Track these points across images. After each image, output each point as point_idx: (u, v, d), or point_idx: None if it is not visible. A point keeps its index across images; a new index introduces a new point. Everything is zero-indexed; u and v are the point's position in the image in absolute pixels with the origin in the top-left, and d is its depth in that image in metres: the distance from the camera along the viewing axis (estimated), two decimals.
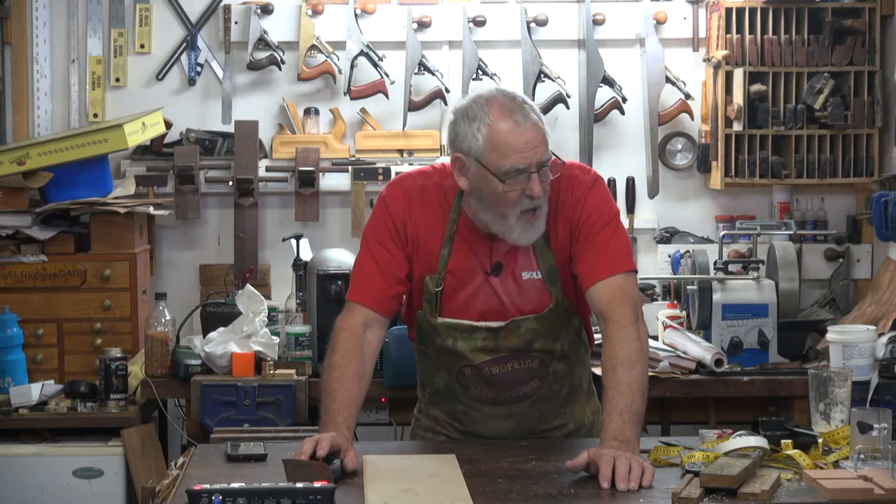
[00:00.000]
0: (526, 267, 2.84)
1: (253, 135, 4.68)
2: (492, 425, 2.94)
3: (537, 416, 2.94)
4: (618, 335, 2.72)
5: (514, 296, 2.84)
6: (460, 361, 2.88)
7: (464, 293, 2.84)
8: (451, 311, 2.86)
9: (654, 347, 4.08)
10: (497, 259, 2.83)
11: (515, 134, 2.68)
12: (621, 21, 4.73)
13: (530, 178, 2.69)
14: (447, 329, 2.86)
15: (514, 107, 2.70)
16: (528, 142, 2.68)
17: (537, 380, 2.90)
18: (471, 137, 2.71)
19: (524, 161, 2.68)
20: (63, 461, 4.07)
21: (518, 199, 2.71)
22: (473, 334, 2.85)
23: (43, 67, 4.72)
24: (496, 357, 2.86)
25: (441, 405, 3.00)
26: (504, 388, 2.90)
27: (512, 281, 2.84)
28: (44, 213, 4.35)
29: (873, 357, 3.24)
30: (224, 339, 4.08)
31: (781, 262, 4.25)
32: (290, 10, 4.71)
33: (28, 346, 4.28)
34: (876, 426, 2.61)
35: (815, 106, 4.54)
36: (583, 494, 2.49)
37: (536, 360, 2.88)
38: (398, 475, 2.60)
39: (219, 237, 4.79)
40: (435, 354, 2.92)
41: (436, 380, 2.97)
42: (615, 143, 4.79)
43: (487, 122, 2.69)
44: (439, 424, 3.01)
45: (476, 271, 2.84)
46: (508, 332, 2.85)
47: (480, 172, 2.72)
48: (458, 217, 2.83)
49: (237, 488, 2.32)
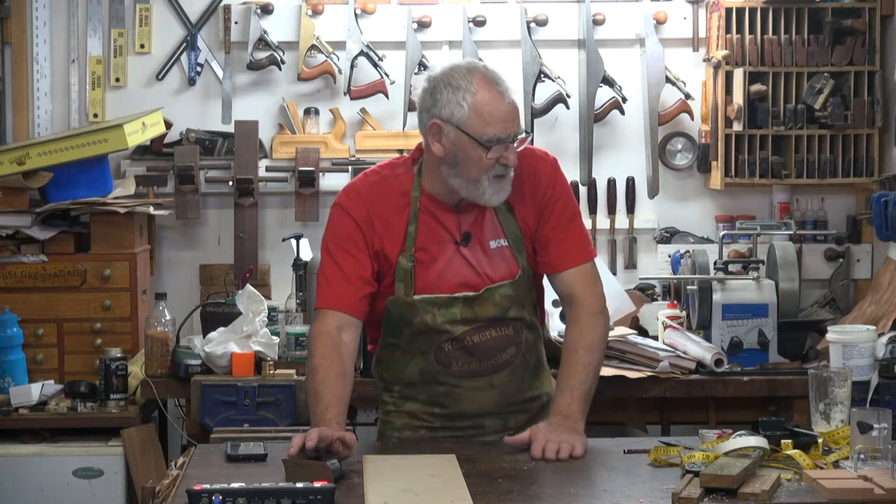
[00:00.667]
0: (493, 235, 2.96)
1: (253, 135, 4.68)
2: (476, 400, 2.97)
3: (517, 386, 3.00)
4: (587, 321, 2.95)
5: (485, 265, 2.94)
6: (439, 338, 2.93)
7: (436, 267, 2.92)
8: (425, 287, 2.92)
9: (653, 347, 4.09)
10: (465, 229, 2.94)
11: (499, 104, 2.85)
12: (621, 21, 4.73)
13: (507, 147, 2.84)
14: (425, 305, 2.91)
15: (495, 78, 2.88)
16: (510, 112, 2.86)
17: (514, 346, 2.98)
18: (454, 104, 2.84)
19: (505, 131, 2.84)
20: (63, 461, 4.07)
21: (493, 165, 2.85)
22: (451, 307, 2.92)
23: (43, 67, 4.72)
24: (475, 326, 2.93)
25: (417, 396, 3.01)
26: (485, 356, 2.95)
27: (480, 250, 2.94)
28: (44, 213, 4.35)
29: (873, 357, 3.24)
30: (224, 339, 4.08)
31: (781, 262, 4.25)
32: (290, 10, 4.71)
33: (28, 346, 4.28)
34: (876, 426, 2.61)
35: (815, 106, 4.54)
36: (583, 494, 2.49)
37: (511, 326, 2.96)
38: (398, 475, 2.60)
39: (219, 237, 4.79)
40: (409, 340, 2.95)
41: (408, 371, 2.99)
42: (615, 143, 4.79)
43: (472, 91, 2.84)
44: (416, 418, 3.02)
45: (446, 243, 2.93)
46: (483, 301, 2.93)
47: (460, 140, 2.85)
48: (420, 194, 2.94)
49: (237, 488, 2.32)
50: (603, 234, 4.77)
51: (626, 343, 4.07)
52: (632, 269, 4.76)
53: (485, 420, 2.99)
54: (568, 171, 4.70)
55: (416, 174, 2.96)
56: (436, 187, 2.93)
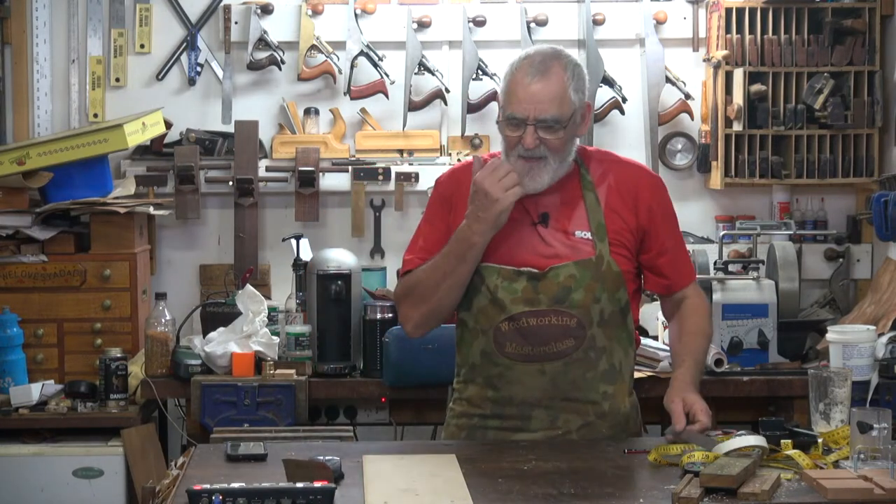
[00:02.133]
0: (579, 226, 2.98)
1: (253, 135, 4.68)
2: (526, 385, 2.95)
3: (572, 380, 2.96)
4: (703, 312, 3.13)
5: (564, 250, 2.95)
6: (499, 316, 2.94)
7: (508, 241, 2.95)
8: (495, 257, 2.96)
9: (653, 347, 4.09)
10: (543, 210, 2.97)
11: (523, 85, 2.88)
12: (621, 21, 4.74)
13: (525, 129, 2.88)
14: (490, 274, 2.94)
15: (539, 63, 2.90)
16: (533, 95, 2.88)
17: (573, 339, 2.94)
18: (502, 81, 2.97)
19: (522, 111, 2.88)
20: (63, 461, 4.07)
21: (514, 144, 2.91)
22: (514, 282, 2.93)
23: (43, 67, 4.72)
24: (535, 309, 2.93)
25: (476, 378, 3.01)
26: (539, 342, 2.93)
27: (563, 236, 2.97)
28: (44, 213, 4.35)
29: (873, 357, 3.23)
30: (224, 339, 4.08)
31: (781, 262, 4.25)
32: (290, 10, 4.71)
33: (28, 346, 4.28)
34: (876, 426, 2.61)
35: (815, 106, 4.54)
36: (583, 494, 2.49)
37: (574, 319, 2.93)
38: (398, 475, 2.60)
39: (219, 237, 4.79)
40: (475, 316, 2.97)
41: (472, 350, 3.00)
42: (615, 143, 4.79)
43: (512, 71, 2.92)
44: (473, 404, 3.01)
45: (523, 221, 2.97)
46: (547, 280, 2.93)
47: (499, 115, 2.96)
48: None
49: (237, 488, 2.32)
50: None
51: None
52: None
53: (532, 411, 2.96)
54: None
55: None
56: None
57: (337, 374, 4.09)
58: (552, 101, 2.88)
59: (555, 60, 2.92)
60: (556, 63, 2.91)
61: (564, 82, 2.90)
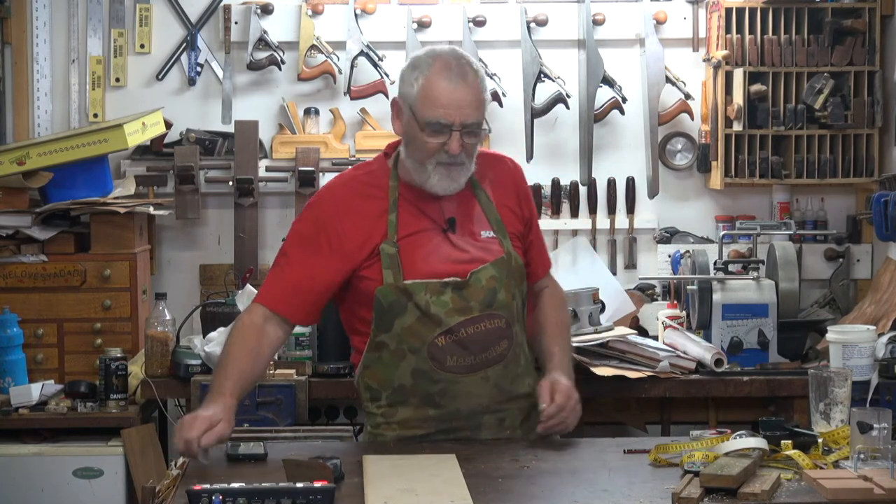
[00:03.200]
0: (482, 226, 2.99)
1: (253, 135, 4.68)
2: (472, 395, 2.94)
3: (511, 380, 2.98)
4: (549, 290, 3.18)
5: (475, 253, 2.95)
6: (433, 331, 2.90)
7: (423, 252, 2.93)
8: (414, 272, 2.91)
9: (653, 347, 4.09)
10: (449, 215, 2.96)
11: (446, 90, 2.86)
12: (621, 21, 4.73)
13: (451, 135, 2.85)
14: (417, 290, 2.90)
15: (455, 66, 2.88)
16: (457, 100, 2.85)
17: (506, 340, 2.96)
18: (409, 84, 2.90)
19: (447, 117, 2.84)
20: (63, 461, 4.07)
21: (436, 150, 2.87)
22: (442, 294, 2.90)
23: (43, 67, 4.72)
24: (469, 317, 2.91)
25: (409, 400, 2.96)
26: (479, 349, 2.93)
27: (471, 238, 2.97)
28: (44, 213, 4.35)
29: (873, 357, 3.23)
30: (224, 339, 4.07)
31: (781, 262, 4.25)
32: (290, 10, 4.71)
33: (28, 346, 4.28)
34: (876, 426, 2.61)
35: (815, 106, 4.54)
36: (583, 494, 2.49)
37: (503, 319, 2.96)
38: (398, 475, 2.60)
39: (219, 237, 4.79)
40: (399, 337, 2.92)
41: (398, 373, 2.95)
42: (615, 143, 4.79)
43: (426, 74, 2.88)
44: (408, 427, 2.97)
45: (431, 230, 2.95)
46: (471, 286, 2.92)
47: (410, 119, 2.89)
48: (398, 184, 2.96)
49: (237, 488, 2.32)
50: (603, 235, 4.77)
51: (626, 343, 4.07)
52: (632, 270, 4.76)
53: (481, 418, 2.96)
54: (568, 171, 4.77)
55: (391, 166, 2.99)
56: (412, 176, 2.94)
57: (337, 374, 4.09)
58: (473, 105, 2.87)
59: (467, 64, 2.90)
60: (468, 67, 2.89)
61: (479, 85, 2.90)
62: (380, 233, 2.92)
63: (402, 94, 2.93)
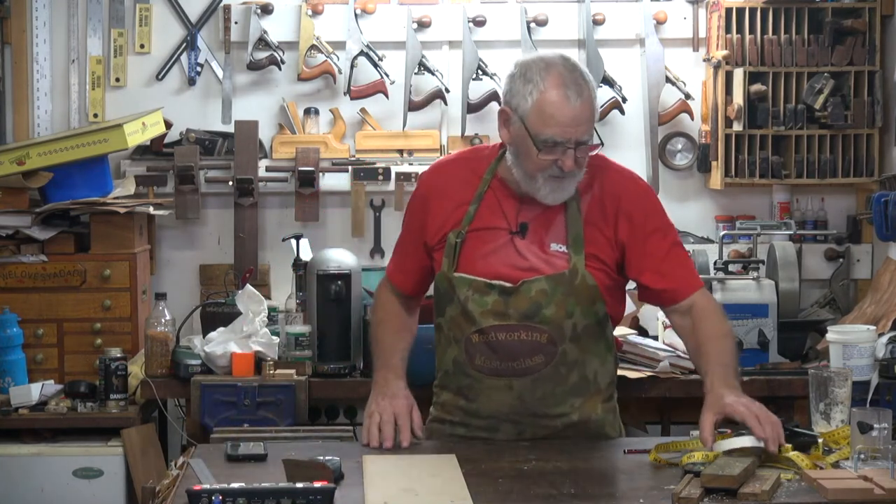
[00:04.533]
0: (556, 238, 2.90)
1: (253, 135, 4.68)
2: (494, 399, 2.93)
3: (540, 397, 2.91)
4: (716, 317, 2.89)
5: (539, 264, 2.88)
6: (469, 327, 2.90)
7: (484, 250, 2.91)
8: (467, 267, 2.92)
9: (653, 347, 4.09)
10: (523, 220, 2.90)
11: (562, 107, 2.78)
12: (621, 21, 4.73)
13: (566, 152, 2.79)
14: (461, 284, 2.90)
15: (569, 80, 2.80)
16: (574, 118, 2.79)
17: (542, 355, 2.89)
18: (521, 97, 2.82)
19: (563, 135, 2.79)
20: (63, 461, 4.07)
21: (549, 166, 2.82)
22: (486, 295, 2.88)
23: (43, 67, 4.72)
24: (505, 324, 2.88)
25: (450, 385, 3.00)
26: (508, 356, 2.90)
27: (539, 248, 2.90)
28: (44, 213, 4.35)
29: (873, 357, 3.24)
30: (224, 339, 4.08)
31: (781, 262, 4.25)
32: (290, 10, 4.71)
33: (28, 346, 4.28)
34: (876, 426, 2.61)
35: (815, 106, 4.54)
36: (583, 494, 2.49)
37: (545, 335, 2.88)
38: (398, 475, 2.60)
39: (219, 237, 4.79)
40: (449, 324, 2.95)
41: (446, 357, 2.98)
42: (615, 143, 4.79)
43: (540, 88, 2.79)
44: (446, 410, 3.01)
45: (501, 230, 2.91)
46: (519, 294, 2.87)
47: (521, 132, 2.83)
48: (492, 178, 2.94)
49: (237, 488, 2.32)
50: None
51: (626, 343, 4.06)
52: None
53: (500, 424, 2.94)
54: None
55: (496, 158, 2.96)
56: (508, 174, 2.92)
57: (337, 374, 4.09)
58: (589, 122, 2.82)
59: (580, 77, 2.82)
60: (582, 79, 2.82)
61: (593, 99, 2.83)
62: (455, 220, 2.94)
63: (511, 105, 2.84)
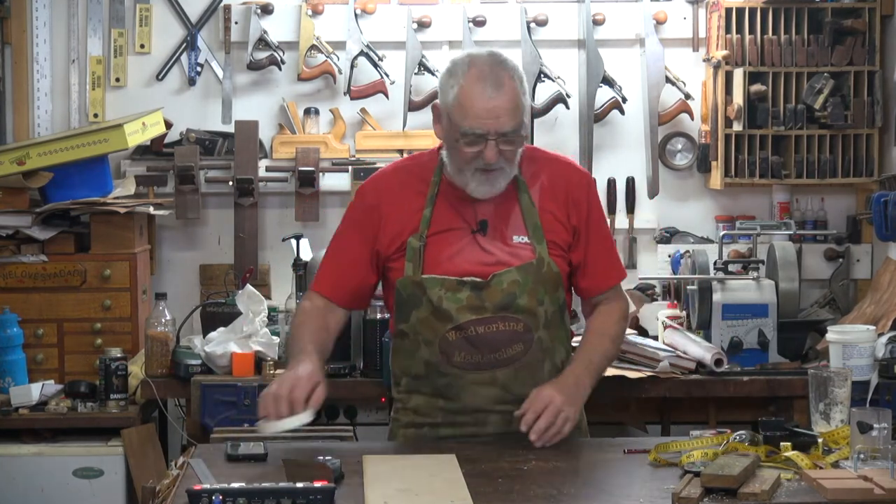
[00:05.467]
0: (516, 230, 2.95)
1: (253, 135, 4.68)
2: (478, 394, 2.94)
3: (522, 383, 2.94)
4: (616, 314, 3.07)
5: (504, 257, 2.93)
6: (445, 325, 2.91)
7: (449, 251, 2.93)
8: (435, 268, 2.93)
9: (654, 347, 4.09)
10: (482, 217, 2.94)
11: (480, 100, 2.83)
12: (621, 21, 4.73)
13: (486, 144, 2.83)
14: (432, 285, 2.91)
15: (489, 73, 2.84)
16: (492, 110, 2.82)
17: (521, 344, 2.93)
18: (446, 91, 2.88)
19: (482, 127, 2.83)
20: (63, 461, 4.07)
21: (473, 158, 2.86)
22: (458, 292, 2.90)
23: (43, 67, 4.72)
24: (482, 317, 2.91)
25: (422, 388, 2.99)
26: (489, 349, 2.92)
27: (501, 242, 2.94)
28: (44, 213, 4.35)
29: (873, 357, 3.24)
30: (224, 339, 4.08)
31: (781, 262, 4.25)
32: (290, 10, 4.71)
33: (28, 346, 4.28)
34: (876, 426, 2.61)
35: (815, 106, 4.54)
36: (583, 494, 2.49)
37: (521, 323, 2.92)
38: (398, 475, 2.60)
39: (219, 237, 4.79)
40: (416, 328, 2.95)
41: (415, 361, 2.98)
42: (615, 143, 4.79)
43: (461, 82, 2.84)
44: (420, 414, 3.00)
45: (462, 230, 2.94)
46: (491, 288, 2.90)
47: (448, 126, 2.88)
48: (440, 180, 2.97)
49: (237, 488, 2.32)
50: None
51: (626, 343, 4.06)
52: (632, 269, 4.74)
53: (487, 416, 2.96)
54: None
55: (440, 161, 2.98)
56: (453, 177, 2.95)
57: (337, 374, 4.08)
58: (510, 113, 2.84)
59: (503, 69, 2.86)
60: (504, 72, 2.85)
61: (517, 90, 2.86)
62: (413, 226, 2.95)
63: (441, 101, 2.91)
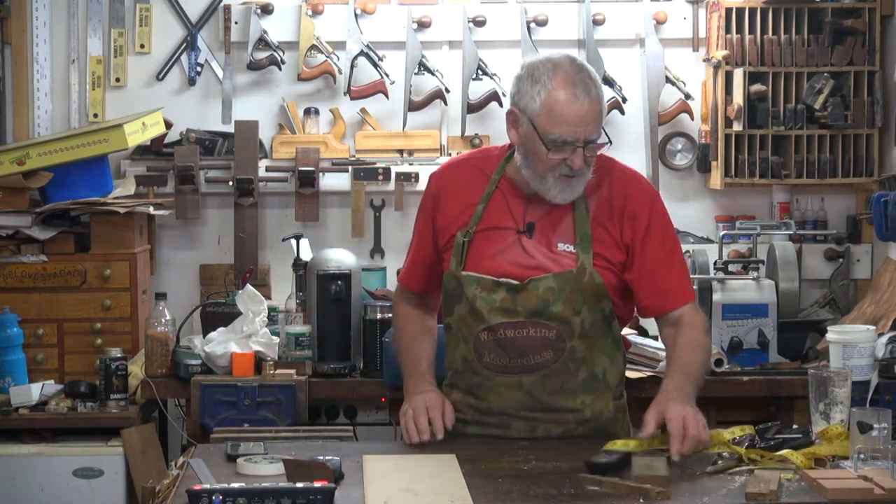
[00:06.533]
0: (563, 238, 2.92)
1: (253, 135, 4.68)
2: (504, 396, 2.94)
3: (549, 393, 2.92)
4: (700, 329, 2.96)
5: (546, 262, 2.90)
6: (478, 325, 2.92)
7: (492, 249, 2.93)
8: (475, 265, 2.94)
9: (653, 347, 4.09)
10: (531, 220, 2.93)
11: (571, 107, 2.80)
12: (621, 21, 4.73)
13: (575, 150, 2.81)
14: (469, 283, 2.92)
15: (577, 80, 2.82)
16: (582, 117, 2.81)
17: (551, 351, 2.91)
18: (529, 97, 2.84)
19: (572, 134, 2.81)
20: (63, 461, 4.07)
21: (558, 165, 2.84)
22: (493, 293, 2.90)
23: (43, 67, 4.72)
24: (513, 321, 2.90)
25: (459, 384, 3.02)
26: (517, 353, 2.91)
27: (546, 247, 2.92)
28: (44, 213, 4.35)
29: (873, 357, 3.23)
30: (224, 339, 4.08)
31: (781, 262, 4.25)
32: (290, 10, 4.71)
33: (28, 346, 4.28)
34: (876, 426, 2.62)
35: (815, 106, 4.54)
36: (583, 494, 2.49)
37: (553, 331, 2.90)
38: (398, 475, 2.60)
39: (219, 237, 4.79)
40: (457, 323, 2.97)
41: (456, 355, 3.01)
42: (615, 143, 4.72)
43: (548, 88, 2.81)
44: (457, 409, 3.00)
45: (508, 230, 2.94)
46: (527, 292, 2.89)
47: (530, 132, 2.85)
48: (500, 178, 2.97)
49: (237, 488, 2.32)
50: None
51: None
52: None
53: (512, 421, 2.95)
54: None
55: (505, 158, 2.98)
56: (517, 173, 2.94)
57: (337, 374, 4.09)
58: (597, 121, 2.84)
59: (587, 76, 2.83)
60: (589, 78, 2.83)
61: (601, 97, 2.85)
62: (464, 220, 2.96)
63: (519, 106, 2.86)
